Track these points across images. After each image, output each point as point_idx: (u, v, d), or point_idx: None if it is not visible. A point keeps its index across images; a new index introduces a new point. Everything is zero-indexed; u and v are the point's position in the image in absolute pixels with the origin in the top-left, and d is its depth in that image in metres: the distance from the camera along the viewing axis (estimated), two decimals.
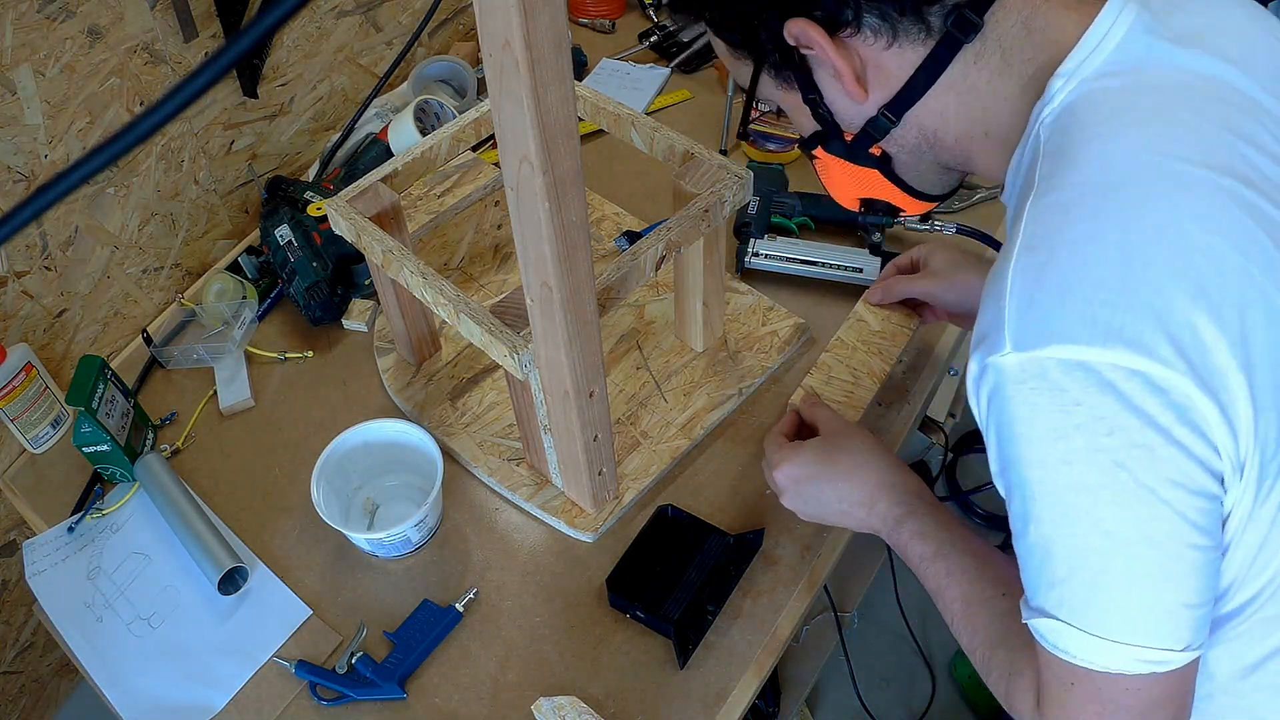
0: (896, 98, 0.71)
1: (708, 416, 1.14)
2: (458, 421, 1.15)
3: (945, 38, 0.68)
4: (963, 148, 0.74)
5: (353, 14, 1.49)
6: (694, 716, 0.94)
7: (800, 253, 1.26)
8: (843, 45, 0.69)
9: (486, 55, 0.66)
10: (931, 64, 0.69)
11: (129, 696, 1.00)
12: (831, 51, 0.69)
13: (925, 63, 0.69)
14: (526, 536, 1.08)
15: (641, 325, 1.23)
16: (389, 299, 1.13)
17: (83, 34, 1.15)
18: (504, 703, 0.96)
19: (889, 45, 0.69)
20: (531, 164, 0.69)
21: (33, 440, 1.20)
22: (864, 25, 0.68)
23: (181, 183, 1.34)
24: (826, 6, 0.68)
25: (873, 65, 0.70)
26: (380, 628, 1.01)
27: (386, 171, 1.07)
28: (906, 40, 0.68)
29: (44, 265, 1.21)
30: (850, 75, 0.70)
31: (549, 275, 0.78)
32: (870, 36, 0.69)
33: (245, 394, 1.22)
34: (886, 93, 0.72)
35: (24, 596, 1.47)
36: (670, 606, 0.97)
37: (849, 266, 1.25)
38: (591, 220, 1.36)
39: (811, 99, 0.75)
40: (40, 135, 1.15)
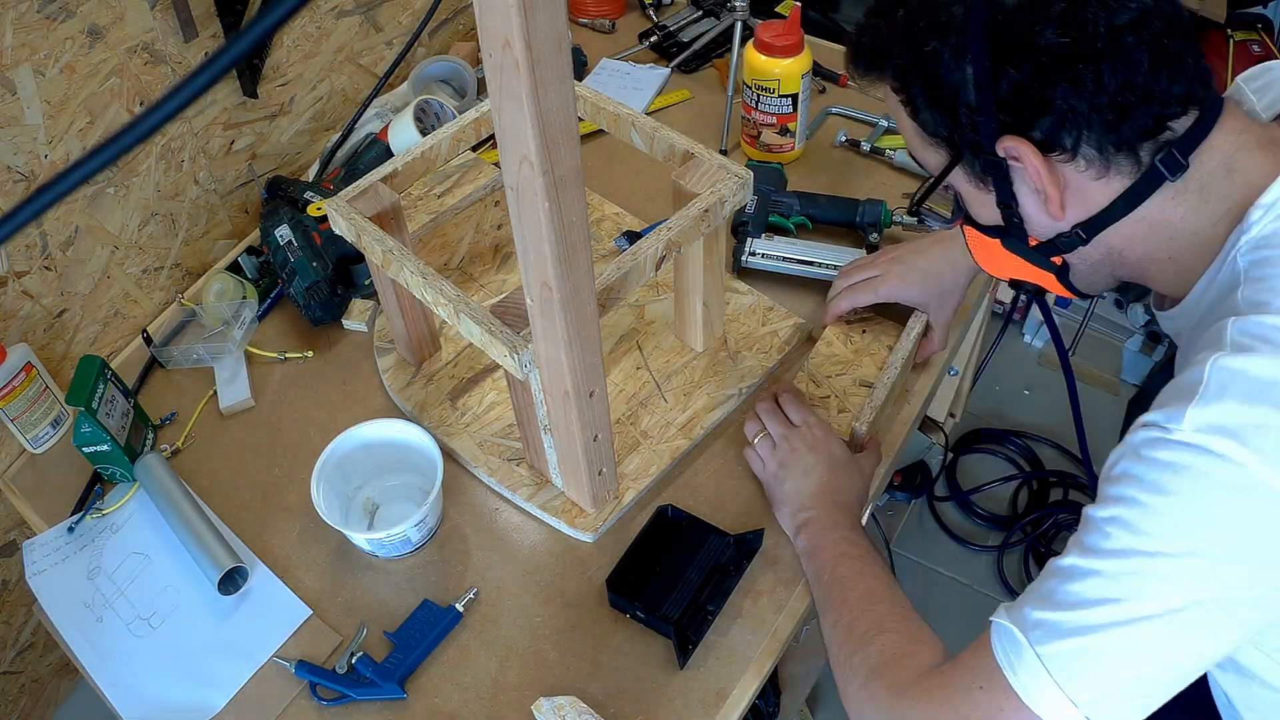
0: (1092, 220, 0.73)
1: (708, 416, 1.14)
2: (458, 421, 1.15)
3: (1150, 171, 0.69)
4: (1143, 268, 0.76)
5: (353, 14, 1.50)
6: (694, 716, 0.94)
7: (797, 252, 1.26)
8: (1052, 168, 0.70)
9: (486, 55, 0.66)
10: (1132, 195, 0.71)
11: (129, 696, 1.00)
12: (1043, 174, 0.70)
13: (1126, 193, 0.71)
14: (526, 536, 1.08)
15: (641, 325, 1.23)
16: (389, 299, 1.13)
17: (83, 34, 1.15)
18: (504, 703, 0.96)
19: (1098, 176, 0.71)
20: (531, 164, 0.69)
21: (33, 440, 1.20)
22: (1079, 153, 0.69)
23: (181, 183, 1.34)
24: (1046, 129, 0.68)
25: (1075, 188, 0.72)
26: (380, 628, 1.01)
27: (386, 171, 1.07)
28: (1115, 171, 0.70)
29: (44, 265, 1.21)
30: (1055, 198, 0.71)
31: (549, 275, 0.78)
32: (1083, 164, 0.70)
33: (245, 394, 1.22)
34: (1083, 213, 0.73)
35: (24, 596, 1.46)
36: (670, 606, 0.97)
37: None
38: (591, 220, 1.36)
39: (1005, 205, 0.75)
40: (40, 135, 1.15)
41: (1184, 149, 0.69)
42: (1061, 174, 0.71)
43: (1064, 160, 0.70)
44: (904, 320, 1.18)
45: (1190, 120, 0.69)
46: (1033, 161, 0.69)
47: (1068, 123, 0.68)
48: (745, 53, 1.37)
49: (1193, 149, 0.69)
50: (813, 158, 1.47)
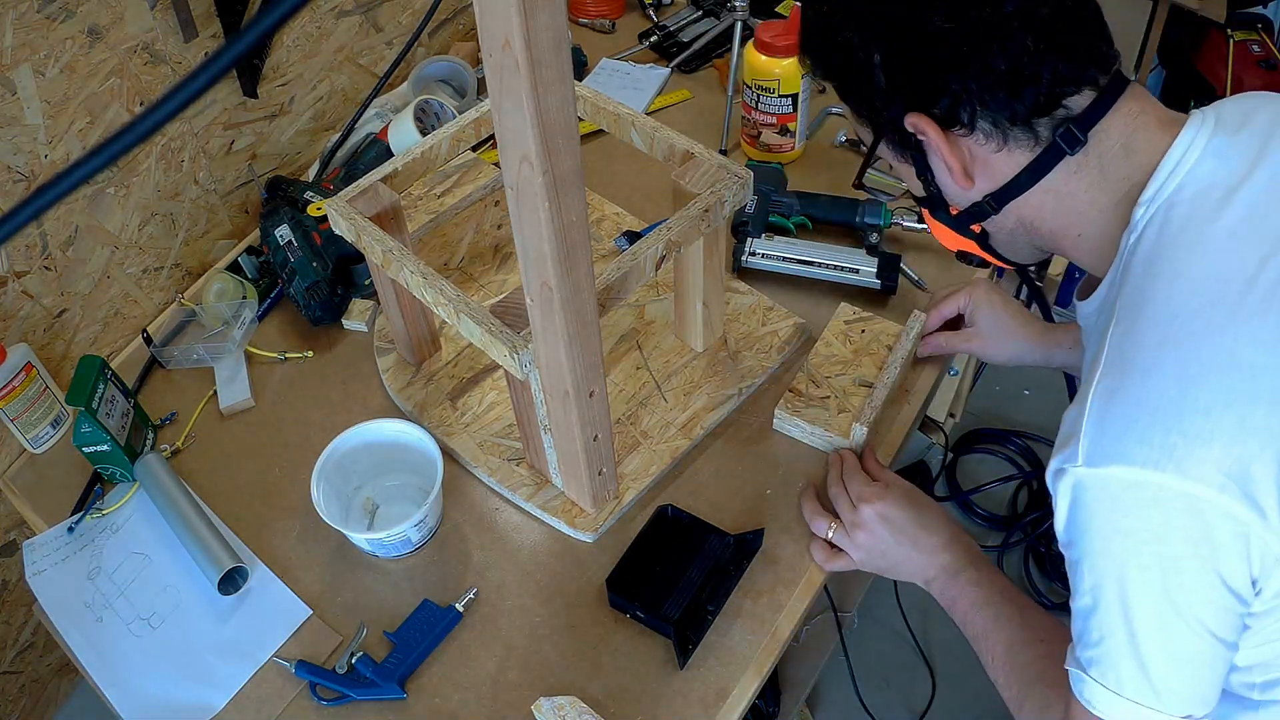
0: (999, 190, 0.78)
1: (708, 416, 1.14)
2: (458, 421, 1.15)
3: (1051, 147, 0.74)
4: (1056, 241, 0.80)
5: (353, 14, 1.50)
6: (694, 716, 0.94)
7: (797, 253, 1.26)
8: (954, 141, 0.76)
9: (486, 55, 0.66)
10: (1035, 167, 0.75)
11: (129, 696, 1.00)
12: (944, 147, 0.76)
13: (1030, 165, 0.75)
14: (526, 536, 1.08)
15: (641, 325, 1.23)
16: (389, 299, 1.13)
17: (83, 34, 1.15)
18: (504, 703, 0.96)
19: (998, 149, 0.75)
20: (531, 164, 0.69)
21: (33, 440, 1.21)
22: (977, 128, 0.74)
23: (181, 183, 1.34)
24: (944, 107, 0.74)
25: (980, 160, 0.77)
26: (380, 628, 1.01)
27: (386, 171, 1.07)
28: (1015, 145, 0.74)
29: (44, 265, 1.21)
30: (959, 169, 0.77)
31: (549, 275, 0.78)
32: (981, 138, 0.75)
33: (245, 394, 1.22)
34: (991, 184, 0.78)
35: (24, 596, 1.47)
36: (670, 606, 0.97)
37: (846, 267, 1.25)
38: (591, 220, 1.36)
39: (924, 176, 0.81)
40: (40, 135, 1.15)
41: (1082, 126, 0.72)
42: (964, 147, 0.76)
43: (963, 134, 0.75)
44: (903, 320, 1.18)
45: (1088, 100, 0.72)
46: (934, 136, 0.75)
47: (961, 101, 0.73)
48: (745, 53, 1.38)
49: (1090, 126, 0.72)
50: (813, 158, 1.47)
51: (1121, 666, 0.70)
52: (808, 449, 1.12)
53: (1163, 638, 0.68)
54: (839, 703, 1.80)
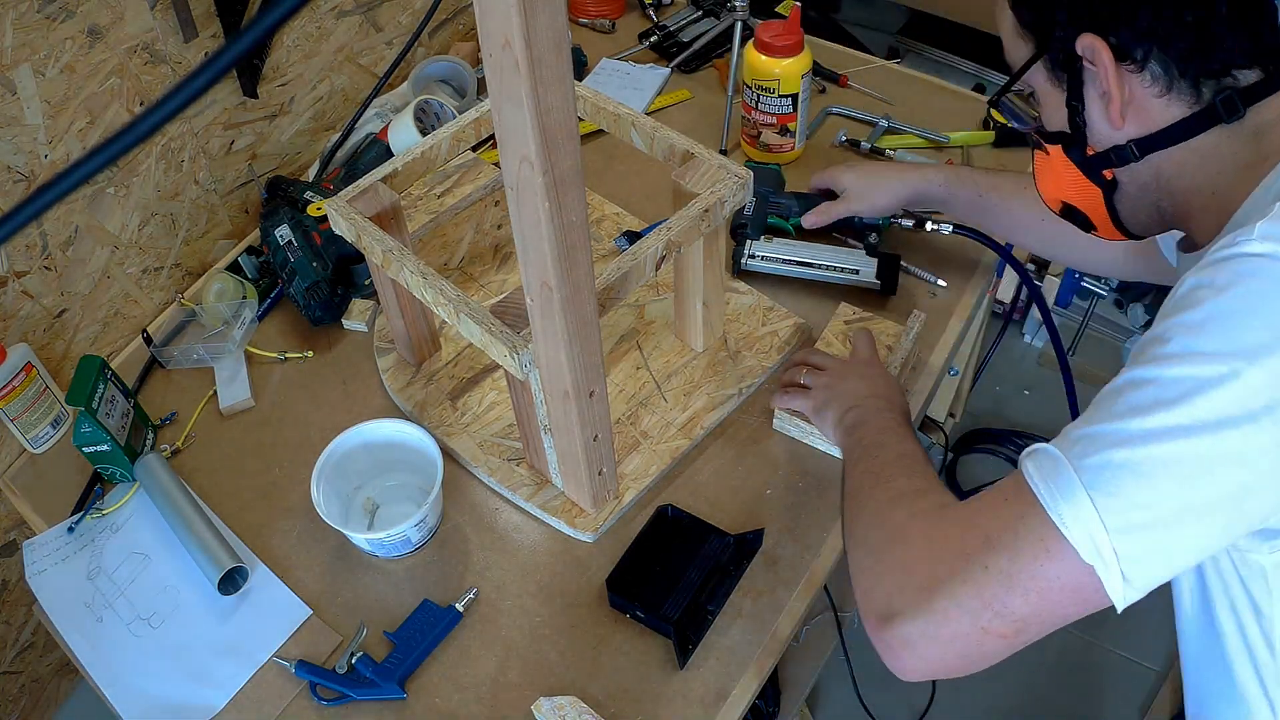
0: (1148, 137, 0.76)
1: (708, 416, 1.14)
2: (458, 421, 1.15)
3: (1208, 110, 0.73)
4: (1186, 200, 0.78)
5: (353, 14, 1.50)
6: (694, 716, 0.94)
7: (797, 254, 1.26)
8: (1121, 75, 0.74)
9: (486, 55, 0.66)
10: (1188, 125, 0.74)
11: (129, 696, 1.00)
12: (1111, 76, 0.74)
13: (1183, 121, 0.74)
14: (526, 536, 1.08)
15: (641, 325, 1.23)
16: (389, 299, 1.13)
17: (83, 34, 1.15)
18: (504, 703, 0.96)
19: (1160, 95, 0.74)
20: (531, 164, 0.69)
21: (33, 440, 1.21)
22: (1147, 68, 0.73)
23: (181, 183, 1.34)
24: (1124, 38, 0.73)
25: (1138, 102, 0.75)
26: (380, 628, 1.01)
27: (386, 171, 1.07)
28: (1176, 97, 0.74)
29: (44, 265, 1.21)
30: (1117, 104, 0.75)
31: (549, 275, 0.78)
32: (1148, 79, 0.74)
33: (245, 394, 1.22)
34: (1141, 129, 0.76)
35: (24, 596, 1.46)
36: (670, 606, 0.97)
37: (846, 268, 1.25)
38: (591, 220, 1.36)
39: (1073, 105, 0.79)
40: (40, 135, 1.15)
41: (1245, 100, 0.72)
42: (1128, 83, 0.75)
43: (1133, 71, 0.74)
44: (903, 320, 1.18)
45: (1254, 78, 0.73)
46: (1105, 61, 0.73)
47: (1143, 37, 0.72)
48: (745, 53, 1.37)
49: (1253, 102, 0.72)
50: (813, 158, 1.47)
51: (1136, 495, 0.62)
52: (808, 449, 1.12)
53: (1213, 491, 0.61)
54: (839, 703, 1.80)
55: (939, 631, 0.67)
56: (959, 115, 1.51)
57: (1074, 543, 0.63)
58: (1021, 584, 0.65)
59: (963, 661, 0.68)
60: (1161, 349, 0.64)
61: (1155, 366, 0.64)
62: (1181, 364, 0.63)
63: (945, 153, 1.46)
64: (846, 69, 1.60)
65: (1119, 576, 0.62)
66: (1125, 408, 0.64)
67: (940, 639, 0.68)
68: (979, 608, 0.66)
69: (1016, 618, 0.66)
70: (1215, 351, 0.62)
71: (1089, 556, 0.63)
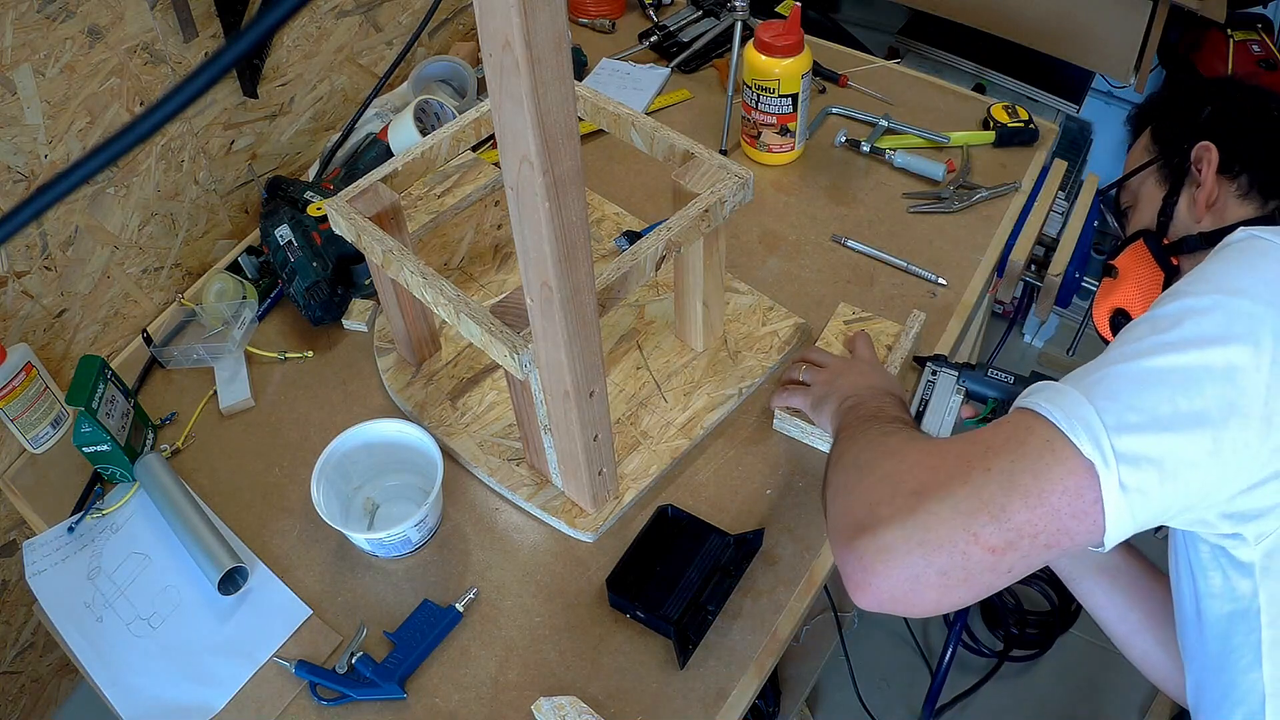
0: (1217, 230, 0.92)
1: (708, 416, 1.14)
2: (458, 421, 1.15)
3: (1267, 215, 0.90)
4: None
5: (353, 14, 1.50)
6: (694, 716, 0.94)
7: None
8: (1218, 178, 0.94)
9: (486, 55, 0.66)
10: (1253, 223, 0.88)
11: (129, 696, 1.00)
12: (1211, 177, 0.93)
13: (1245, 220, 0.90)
14: (526, 536, 1.08)
15: (641, 325, 1.23)
16: (389, 299, 1.13)
17: (83, 34, 1.15)
18: (504, 703, 0.96)
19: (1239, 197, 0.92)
20: (531, 164, 0.69)
21: (33, 440, 1.21)
22: (1238, 179, 0.92)
23: (181, 183, 1.34)
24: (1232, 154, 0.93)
25: (1221, 201, 0.93)
26: (380, 628, 1.01)
27: (386, 171, 1.07)
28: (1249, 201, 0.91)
29: (44, 265, 1.21)
30: (1204, 199, 0.93)
31: (549, 275, 0.78)
32: (1234, 186, 0.92)
33: (245, 394, 1.22)
34: (1214, 224, 0.93)
35: (24, 596, 1.47)
36: (670, 606, 0.97)
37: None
38: (591, 220, 1.36)
39: (1170, 200, 0.97)
40: (40, 135, 1.15)
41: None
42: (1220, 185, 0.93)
43: (1226, 178, 0.93)
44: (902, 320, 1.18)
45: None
46: (1213, 161, 0.93)
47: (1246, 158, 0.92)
48: (745, 53, 1.38)
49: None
50: (813, 158, 1.47)
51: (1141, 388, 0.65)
52: (808, 449, 1.12)
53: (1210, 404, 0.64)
54: (839, 703, 1.80)
55: (925, 535, 0.65)
56: (959, 115, 1.52)
57: (1074, 439, 0.64)
58: (1023, 484, 0.64)
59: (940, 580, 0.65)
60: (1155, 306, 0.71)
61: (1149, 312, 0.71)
62: (1173, 301, 0.69)
63: (945, 153, 1.46)
64: (846, 69, 1.60)
65: (1116, 483, 0.63)
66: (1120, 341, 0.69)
67: (925, 544, 0.65)
68: (975, 508, 0.65)
69: (1011, 526, 0.64)
70: (1203, 291, 0.69)
71: (1090, 453, 0.63)
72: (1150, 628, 0.94)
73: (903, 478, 0.69)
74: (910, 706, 1.79)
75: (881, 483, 0.71)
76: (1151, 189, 1.00)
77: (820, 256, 1.33)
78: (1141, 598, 0.95)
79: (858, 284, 1.28)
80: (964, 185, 1.40)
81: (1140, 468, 0.63)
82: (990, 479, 0.65)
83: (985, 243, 1.33)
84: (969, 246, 1.33)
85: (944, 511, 0.65)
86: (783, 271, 1.31)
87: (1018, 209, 1.38)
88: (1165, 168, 0.99)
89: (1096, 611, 0.98)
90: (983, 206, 1.38)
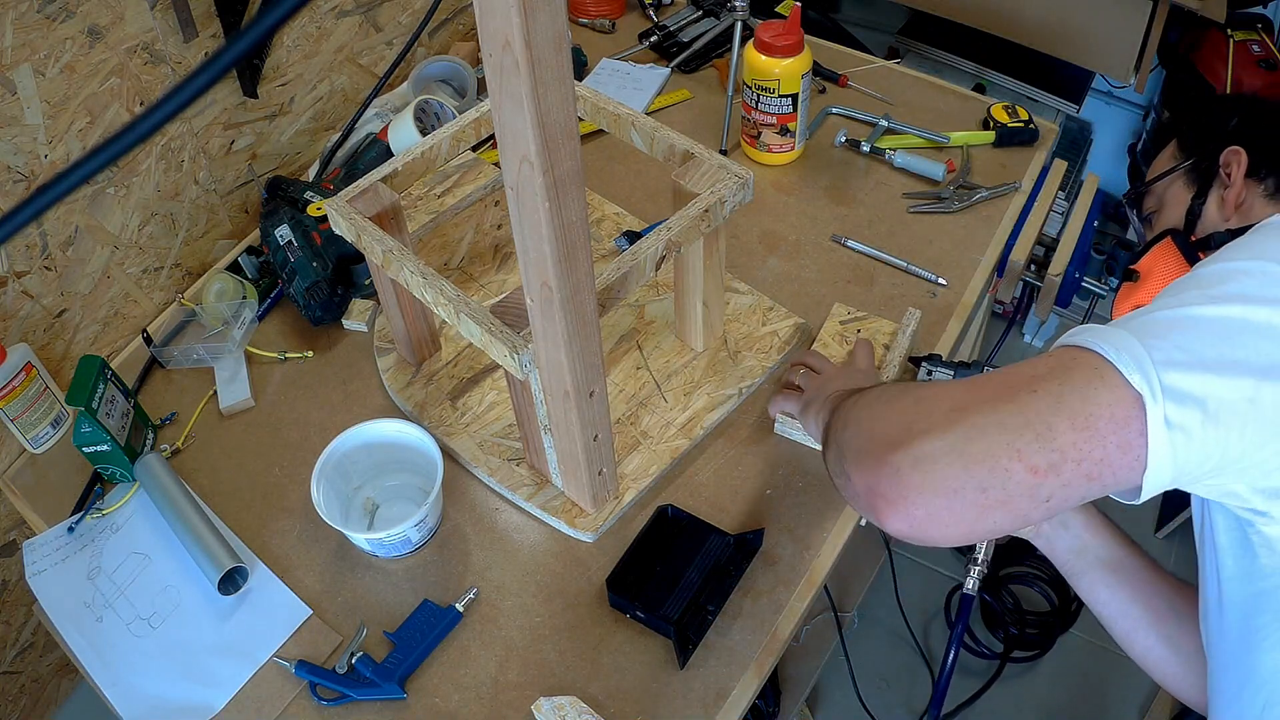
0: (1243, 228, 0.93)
1: (708, 416, 1.14)
2: (458, 421, 1.15)
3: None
4: None
5: (353, 14, 1.50)
6: (694, 716, 0.94)
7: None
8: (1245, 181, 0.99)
9: (486, 55, 0.66)
10: None
11: (129, 696, 1.00)
12: (1240, 179, 0.98)
13: None
14: (526, 536, 1.08)
15: (641, 325, 1.24)
16: (389, 299, 1.13)
17: (83, 34, 1.15)
18: (504, 703, 0.96)
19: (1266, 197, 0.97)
20: (531, 164, 0.69)
21: (33, 440, 1.21)
22: (1264, 180, 0.98)
23: (181, 183, 1.34)
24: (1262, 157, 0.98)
25: (1248, 201, 0.98)
26: (380, 628, 1.01)
27: (386, 171, 1.07)
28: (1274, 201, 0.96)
29: (44, 265, 1.21)
30: (1235, 199, 0.99)
31: (549, 275, 0.78)
32: (1262, 188, 0.98)
33: (245, 394, 1.22)
34: (1240, 222, 0.98)
35: (24, 596, 1.47)
36: (670, 606, 0.97)
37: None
38: (591, 220, 1.36)
39: (1198, 201, 1.03)
40: (40, 135, 1.15)
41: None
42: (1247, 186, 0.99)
43: (1253, 181, 0.98)
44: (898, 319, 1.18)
45: None
46: (1242, 164, 0.98)
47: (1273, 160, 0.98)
48: (745, 53, 1.37)
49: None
50: (813, 158, 1.47)
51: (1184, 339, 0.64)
52: (808, 449, 1.12)
53: None
54: (839, 703, 1.80)
55: (968, 447, 0.63)
56: (959, 115, 1.52)
57: (1123, 369, 0.63)
58: (1070, 405, 0.63)
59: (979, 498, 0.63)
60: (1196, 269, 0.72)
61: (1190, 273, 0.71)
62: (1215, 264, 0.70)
63: (945, 153, 1.46)
64: (846, 69, 1.60)
65: (1163, 417, 0.62)
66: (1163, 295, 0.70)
67: (966, 455, 0.63)
68: (1021, 425, 0.63)
69: (1056, 447, 0.63)
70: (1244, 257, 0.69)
71: (1139, 385, 0.62)
72: (1152, 623, 0.94)
73: (939, 399, 0.67)
74: (910, 707, 1.79)
75: (917, 404, 0.68)
76: (1179, 191, 1.05)
77: (820, 256, 1.33)
78: (1144, 593, 0.95)
79: (858, 284, 1.28)
80: (964, 185, 1.40)
81: (1185, 405, 0.62)
82: (1037, 399, 0.64)
83: (985, 243, 1.33)
84: (969, 246, 1.33)
85: (988, 426, 0.64)
86: (783, 271, 1.31)
87: (1018, 209, 1.38)
88: (1193, 172, 1.04)
89: (1098, 607, 0.98)
90: (983, 206, 1.38)
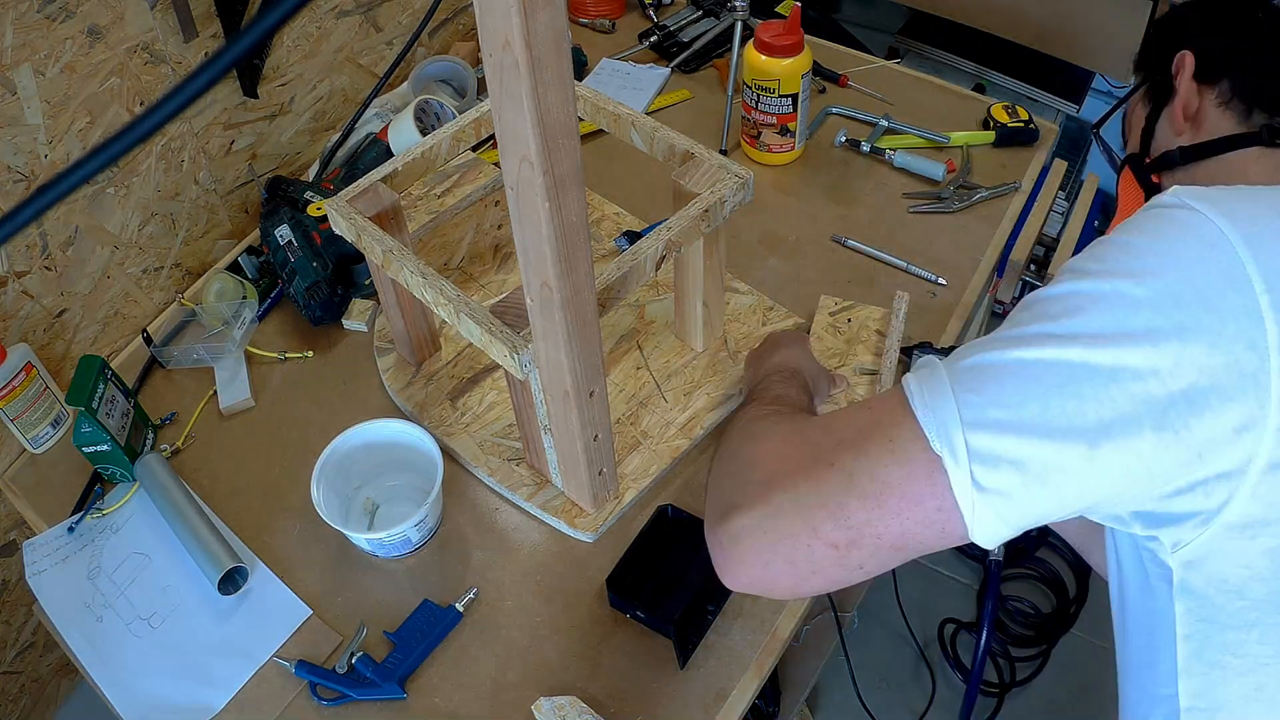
0: (1196, 145, 0.86)
1: (708, 416, 1.14)
2: (458, 421, 1.15)
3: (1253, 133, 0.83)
4: None
5: (353, 14, 1.50)
6: (694, 716, 0.94)
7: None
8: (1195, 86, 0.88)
9: (486, 55, 0.66)
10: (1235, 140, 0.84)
11: (129, 696, 1.00)
12: (1186, 83, 0.87)
13: (1229, 136, 0.84)
14: (526, 536, 1.08)
15: (641, 325, 1.23)
16: (389, 299, 1.13)
17: (83, 34, 1.15)
18: (504, 703, 0.96)
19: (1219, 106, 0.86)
20: (531, 164, 0.69)
21: (33, 440, 1.20)
22: (1218, 86, 0.86)
23: (181, 183, 1.34)
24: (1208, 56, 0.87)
25: (1201, 112, 0.87)
26: (380, 628, 1.01)
27: (386, 171, 1.07)
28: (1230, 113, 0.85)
29: (44, 265, 1.21)
30: (1182, 107, 0.88)
31: (549, 275, 0.78)
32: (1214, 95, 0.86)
33: (245, 394, 1.22)
34: (1193, 139, 0.88)
35: (24, 596, 1.47)
36: (670, 606, 0.97)
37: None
38: (591, 220, 1.36)
39: (1152, 117, 0.93)
40: (40, 135, 1.15)
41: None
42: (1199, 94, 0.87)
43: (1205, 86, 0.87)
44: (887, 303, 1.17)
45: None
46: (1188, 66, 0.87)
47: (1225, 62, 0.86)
48: (745, 53, 1.37)
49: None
50: (813, 158, 1.47)
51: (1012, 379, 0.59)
52: None
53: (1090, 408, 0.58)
54: (839, 703, 1.80)
55: (770, 525, 0.66)
56: (959, 115, 1.52)
57: (926, 430, 0.61)
58: (860, 486, 0.63)
59: (789, 569, 0.66)
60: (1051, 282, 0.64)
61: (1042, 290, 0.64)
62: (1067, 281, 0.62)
63: (945, 153, 1.46)
64: (846, 69, 1.60)
65: (969, 481, 0.59)
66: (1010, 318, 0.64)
67: (770, 533, 0.66)
68: (814, 505, 0.64)
69: (851, 525, 0.63)
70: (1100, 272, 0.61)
71: (938, 448, 0.60)
72: None
73: (756, 466, 0.71)
74: (910, 707, 1.79)
75: (741, 470, 0.72)
76: (1138, 115, 0.96)
77: (820, 256, 1.33)
78: None
79: (858, 284, 1.28)
80: (964, 185, 1.40)
81: (998, 468, 0.59)
82: (832, 474, 0.65)
83: (985, 243, 1.33)
84: (969, 246, 1.33)
85: (785, 504, 0.66)
86: (783, 271, 1.31)
87: (1018, 209, 1.38)
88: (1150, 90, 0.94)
89: None
90: (983, 206, 1.38)
